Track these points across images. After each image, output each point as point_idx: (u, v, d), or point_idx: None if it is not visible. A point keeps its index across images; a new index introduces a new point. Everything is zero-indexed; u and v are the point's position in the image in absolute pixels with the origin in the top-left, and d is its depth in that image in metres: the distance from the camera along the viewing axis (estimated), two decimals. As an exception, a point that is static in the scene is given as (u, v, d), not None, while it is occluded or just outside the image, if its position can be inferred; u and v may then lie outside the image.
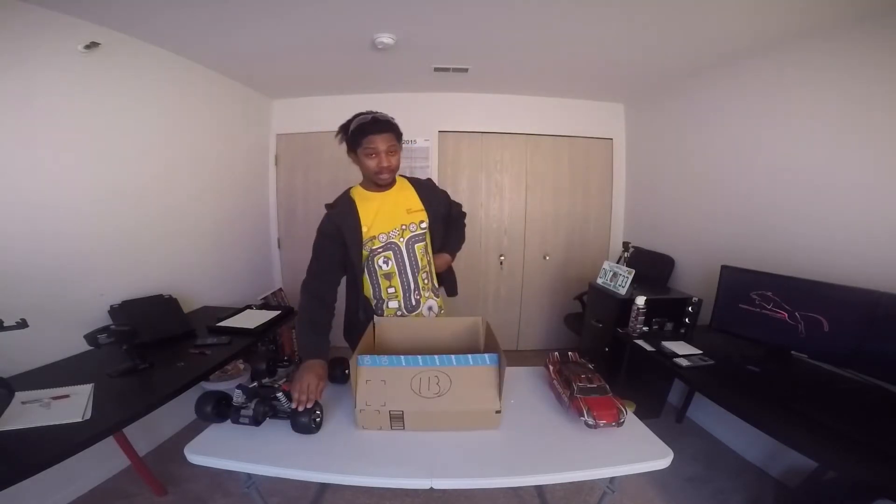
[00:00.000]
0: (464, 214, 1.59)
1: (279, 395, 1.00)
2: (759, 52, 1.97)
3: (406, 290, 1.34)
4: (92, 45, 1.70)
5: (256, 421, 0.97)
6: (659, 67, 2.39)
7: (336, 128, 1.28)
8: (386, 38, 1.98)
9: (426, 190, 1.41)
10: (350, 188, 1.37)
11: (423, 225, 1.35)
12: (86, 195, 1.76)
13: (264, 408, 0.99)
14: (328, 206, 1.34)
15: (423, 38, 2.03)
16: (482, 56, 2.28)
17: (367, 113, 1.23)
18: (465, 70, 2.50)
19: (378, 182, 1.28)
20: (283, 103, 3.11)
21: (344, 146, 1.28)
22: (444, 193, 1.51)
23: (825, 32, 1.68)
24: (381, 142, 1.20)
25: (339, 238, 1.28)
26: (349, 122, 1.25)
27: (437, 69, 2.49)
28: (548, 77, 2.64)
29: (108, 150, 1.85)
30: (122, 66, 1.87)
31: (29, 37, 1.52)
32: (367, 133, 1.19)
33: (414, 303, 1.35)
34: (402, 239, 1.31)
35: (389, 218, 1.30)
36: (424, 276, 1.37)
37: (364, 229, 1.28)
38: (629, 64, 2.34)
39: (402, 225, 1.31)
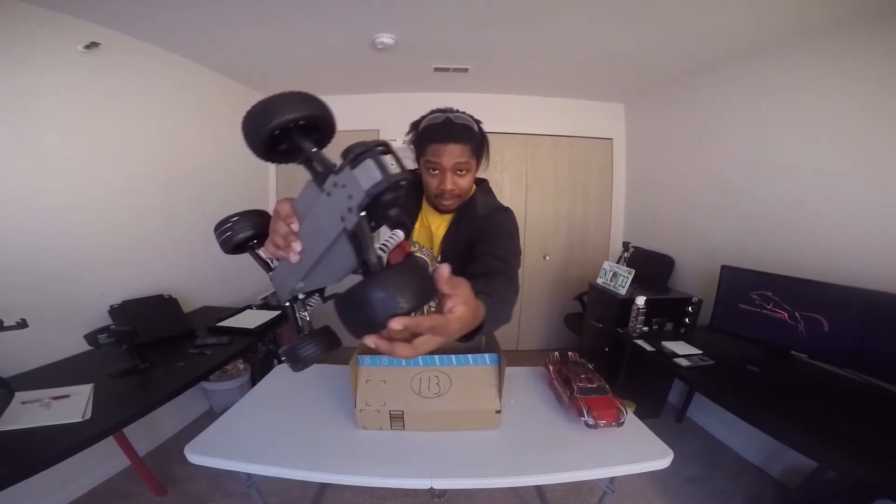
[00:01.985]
0: (510, 278, 0.82)
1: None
2: (759, 52, 1.97)
3: None
4: (92, 45, 1.70)
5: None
6: (659, 67, 2.38)
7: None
8: (386, 38, 1.98)
9: (463, 219, 1.00)
10: None
11: (428, 252, 1.07)
12: (86, 195, 1.76)
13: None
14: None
15: (423, 38, 2.03)
16: (482, 56, 2.28)
17: (442, 111, 0.91)
18: (465, 70, 2.50)
19: (438, 207, 0.98)
20: (283, 103, 3.10)
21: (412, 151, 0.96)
22: (494, 222, 0.96)
23: (827, 32, 1.68)
24: (447, 155, 0.87)
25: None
26: (422, 119, 0.94)
27: (437, 69, 2.48)
28: (548, 77, 2.64)
29: (109, 149, 1.85)
30: (122, 66, 1.87)
31: (29, 37, 1.52)
32: (432, 140, 0.88)
33: None
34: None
35: (427, 241, 1.08)
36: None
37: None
38: (629, 64, 2.34)
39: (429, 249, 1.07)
